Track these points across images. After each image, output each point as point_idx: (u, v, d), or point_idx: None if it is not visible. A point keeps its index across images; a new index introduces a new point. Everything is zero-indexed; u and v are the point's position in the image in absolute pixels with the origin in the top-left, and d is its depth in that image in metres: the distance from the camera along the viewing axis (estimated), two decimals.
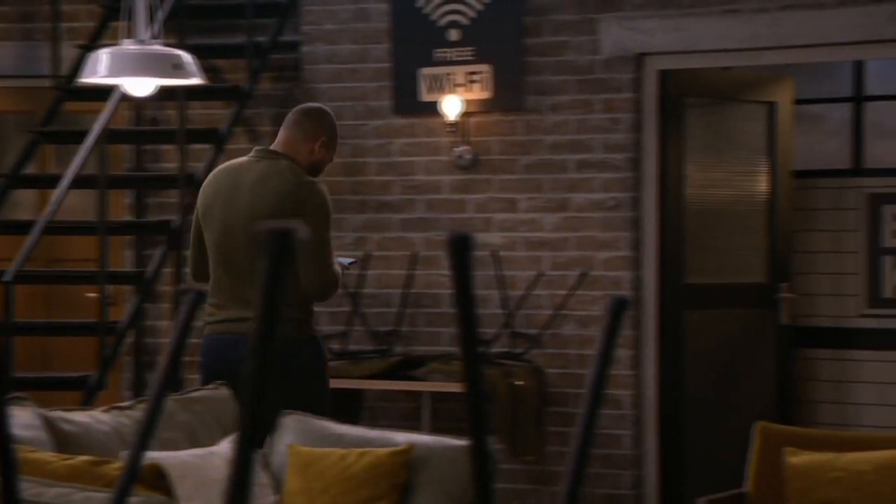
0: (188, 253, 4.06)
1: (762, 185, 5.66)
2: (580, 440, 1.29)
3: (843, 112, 6.18)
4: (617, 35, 5.13)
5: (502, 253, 5.31)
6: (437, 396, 5.19)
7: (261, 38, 5.54)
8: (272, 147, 3.94)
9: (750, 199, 5.65)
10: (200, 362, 3.91)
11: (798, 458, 3.59)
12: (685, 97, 5.33)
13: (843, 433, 3.80)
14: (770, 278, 5.64)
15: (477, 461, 1.17)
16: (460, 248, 1.17)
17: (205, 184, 3.99)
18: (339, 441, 3.46)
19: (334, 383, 5.21)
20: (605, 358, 1.33)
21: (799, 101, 5.85)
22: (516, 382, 5.04)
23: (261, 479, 3.35)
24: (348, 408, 5.30)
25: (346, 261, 4.46)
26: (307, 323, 3.87)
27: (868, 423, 6.01)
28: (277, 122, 5.87)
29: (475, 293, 1.22)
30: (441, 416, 5.19)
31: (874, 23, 4.75)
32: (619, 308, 1.36)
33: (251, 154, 3.95)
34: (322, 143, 3.94)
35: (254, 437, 1.03)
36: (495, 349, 5.21)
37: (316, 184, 3.88)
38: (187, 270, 5.61)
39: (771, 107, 5.64)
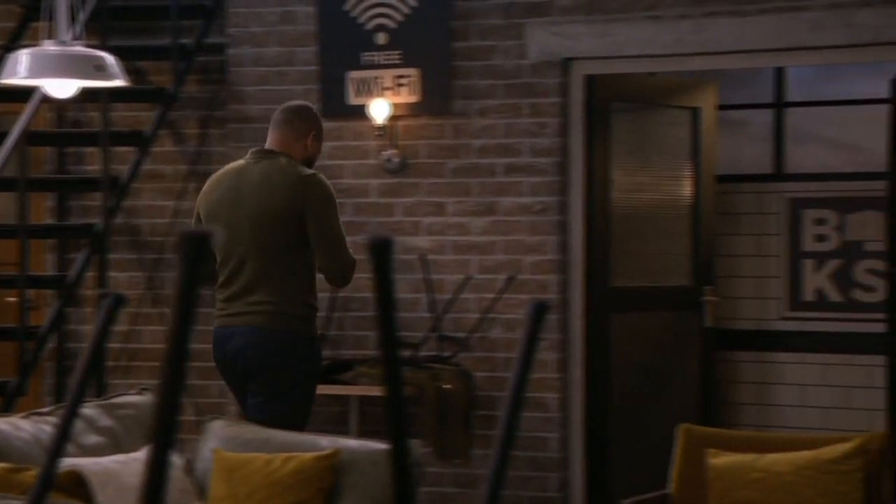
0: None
1: (686, 189, 5.73)
2: (501, 442, 1.29)
3: (765, 118, 6.29)
4: (544, 40, 5.17)
5: (430, 256, 5.31)
6: (364, 400, 5.17)
7: (186, 41, 5.48)
8: (267, 147, 4.11)
9: (674, 204, 5.72)
10: (213, 355, 4.13)
11: (720, 460, 3.64)
12: (611, 102, 5.38)
13: (764, 434, 3.86)
14: (694, 281, 5.72)
15: (396, 464, 1.17)
16: (381, 252, 1.17)
17: (205, 189, 4.15)
18: (265, 446, 3.43)
19: None
20: (527, 361, 1.34)
21: (722, 107, 5.94)
22: (444, 386, 5.04)
23: (184, 485, 3.31)
24: None
25: None
26: (311, 322, 4.05)
27: (789, 425, 6.11)
28: (203, 124, 5.82)
29: (396, 296, 1.22)
30: (369, 420, 5.18)
31: (794, 30, 4.84)
32: (539, 312, 1.37)
33: (248, 156, 4.12)
34: (313, 137, 4.15)
35: (169, 438, 1.01)
36: (423, 353, 5.21)
37: (318, 175, 4.06)
38: (112, 274, 5.54)
39: (695, 112, 5.72)
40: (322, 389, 5.18)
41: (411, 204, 5.36)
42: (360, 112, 5.36)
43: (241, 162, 4.15)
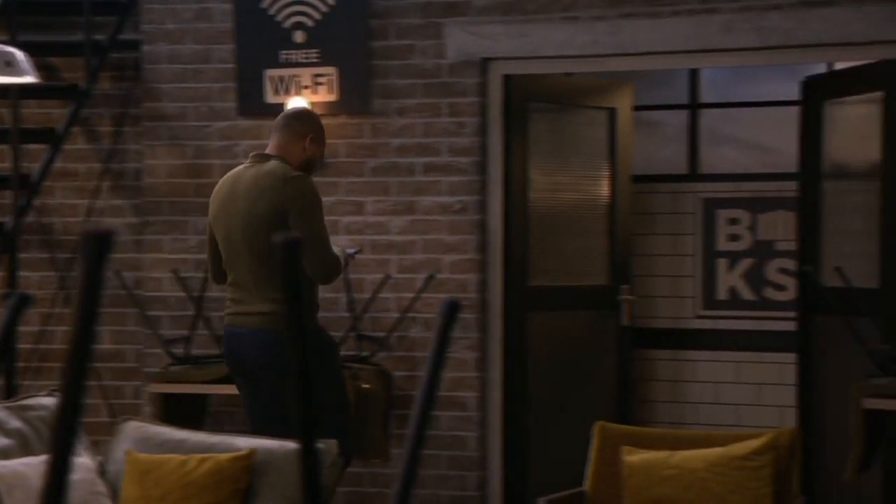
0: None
1: (603, 189, 5.79)
2: (413, 441, 1.29)
3: (680, 119, 6.38)
4: (462, 40, 5.18)
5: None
6: None
7: (99, 37, 5.40)
8: (265, 152, 4.22)
9: (592, 203, 5.77)
10: (223, 352, 4.30)
11: (634, 457, 3.68)
12: (529, 102, 5.41)
13: (678, 432, 3.91)
14: (611, 281, 5.78)
15: (305, 464, 1.16)
16: (289, 251, 1.16)
17: (213, 192, 4.28)
18: (179, 447, 3.39)
19: (176, 388, 5.12)
20: (439, 359, 1.34)
21: (638, 108, 6.01)
22: (363, 385, 5.03)
23: (97, 487, 3.26)
24: (191, 413, 5.20)
25: (351, 250, 4.59)
26: (311, 315, 4.16)
27: (704, 422, 6.21)
28: (117, 121, 5.74)
29: (302, 296, 1.21)
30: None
31: (706, 33, 4.92)
32: (451, 311, 1.37)
33: (247, 160, 4.25)
34: (311, 140, 4.22)
35: (71, 438, 1.00)
36: (342, 352, 5.19)
37: (302, 177, 4.11)
38: (23, 273, 5.44)
39: (611, 112, 5.78)
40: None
41: (330, 203, 5.34)
42: (278, 110, 5.31)
43: (239, 167, 4.26)
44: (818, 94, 5.30)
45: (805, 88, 5.40)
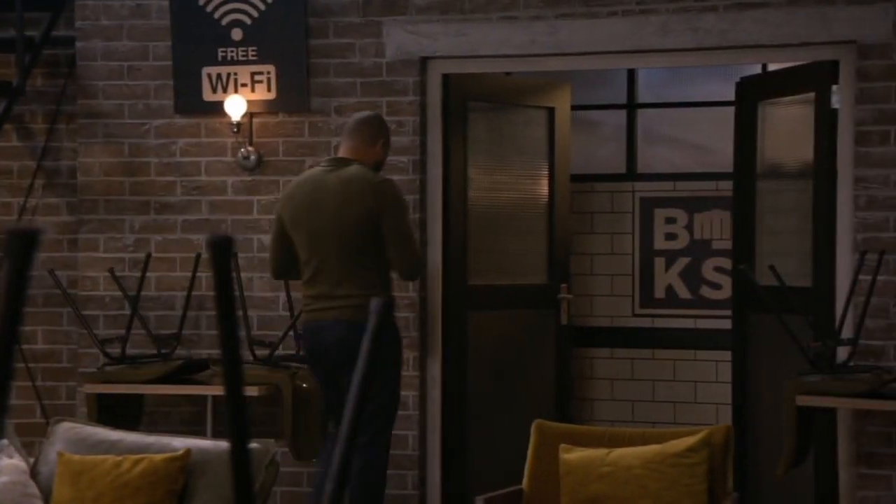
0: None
1: (542, 188, 5.82)
2: (344, 441, 1.29)
3: (618, 118, 6.44)
4: (401, 38, 5.18)
5: None
6: (220, 400, 5.10)
7: (32, 33, 5.32)
8: (341, 156, 4.52)
9: (531, 202, 5.80)
10: (306, 345, 4.53)
11: (571, 455, 3.71)
12: (468, 101, 5.43)
13: (615, 430, 3.94)
14: (550, 279, 5.81)
15: (236, 464, 1.15)
16: (220, 251, 1.15)
17: (287, 194, 4.54)
18: (114, 448, 3.35)
19: (111, 388, 5.06)
20: (371, 359, 1.34)
21: (576, 108, 6.05)
22: (301, 385, 5.01)
23: (29, 489, 3.21)
24: (127, 414, 5.15)
25: None
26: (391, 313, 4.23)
27: (640, 420, 6.27)
28: (51, 119, 5.66)
29: (235, 295, 1.20)
30: (225, 420, 5.10)
31: (642, 33, 4.96)
32: (384, 310, 1.37)
33: (324, 164, 4.54)
34: (382, 144, 4.57)
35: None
36: (280, 352, 5.17)
37: (390, 181, 4.52)
38: None
39: (550, 112, 5.81)
40: (176, 389, 5.11)
41: (269, 202, 5.32)
42: (215, 108, 5.28)
43: (317, 169, 4.54)
44: (752, 94, 5.38)
45: (739, 89, 5.47)
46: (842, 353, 4.63)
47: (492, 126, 5.64)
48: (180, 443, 3.41)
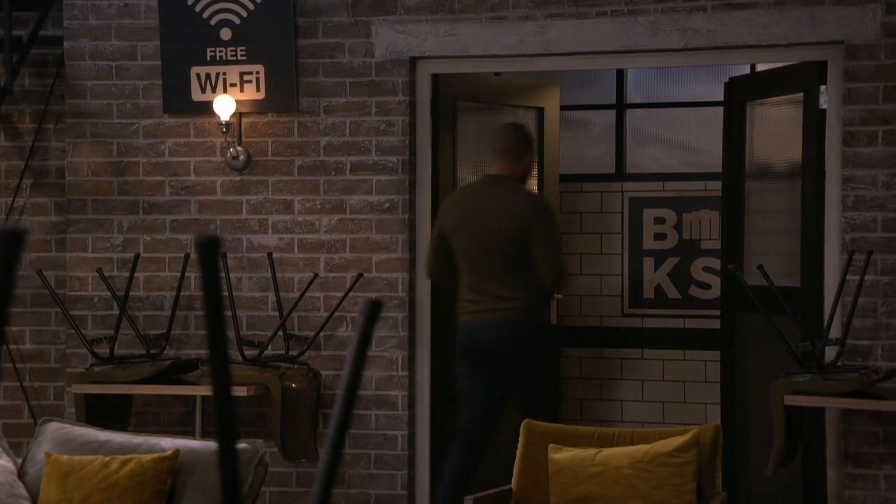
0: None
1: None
2: (333, 440, 1.29)
3: (607, 119, 6.44)
4: (390, 38, 5.18)
5: (277, 254, 5.27)
6: (209, 400, 5.09)
7: (19, 32, 5.31)
8: (495, 173, 4.92)
9: None
10: (458, 346, 4.86)
11: (560, 455, 3.71)
12: (457, 101, 5.43)
13: (604, 429, 3.94)
14: None
15: (224, 464, 1.15)
16: (208, 251, 1.15)
17: (447, 204, 5.00)
18: (102, 448, 3.34)
19: (100, 388, 5.05)
20: (360, 359, 1.34)
21: (565, 108, 6.05)
22: (291, 385, 5.01)
23: (16, 489, 3.20)
24: (115, 414, 5.14)
25: None
26: (540, 310, 4.86)
27: (629, 419, 6.28)
28: (39, 118, 5.64)
29: (223, 295, 1.20)
30: (214, 420, 5.10)
31: (631, 34, 4.97)
32: (373, 310, 1.37)
33: (482, 180, 4.98)
34: (527, 156, 4.97)
35: None
36: (270, 352, 5.17)
37: (542, 199, 5.14)
38: None
39: (539, 112, 5.82)
40: (165, 390, 5.10)
41: (258, 202, 5.31)
42: (204, 108, 5.27)
43: (475, 184, 5.01)
44: (741, 94, 5.39)
45: (728, 89, 5.48)
46: (830, 352, 4.65)
47: (481, 126, 5.64)
48: (169, 443, 3.41)
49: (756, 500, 5.19)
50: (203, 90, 5.28)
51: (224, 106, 5.21)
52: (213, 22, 5.26)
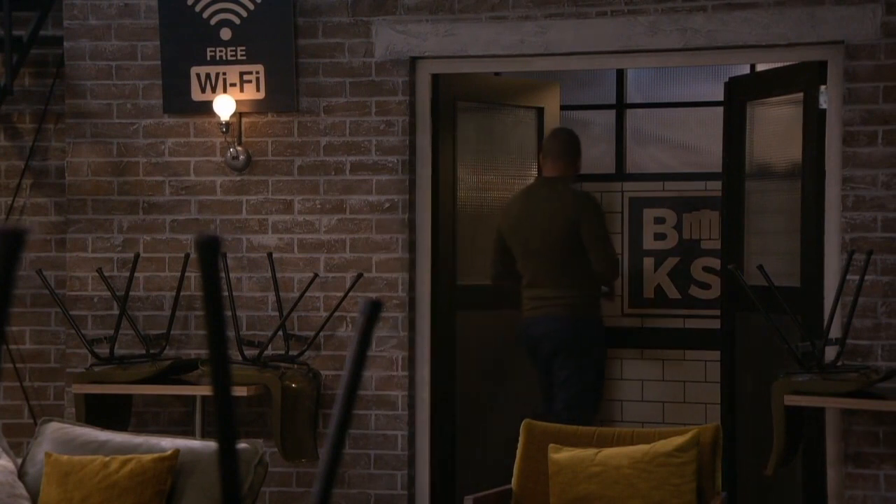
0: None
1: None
2: (333, 440, 1.29)
3: (607, 118, 6.44)
4: (390, 38, 5.18)
5: (278, 254, 5.27)
6: (209, 400, 5.09)
7: (19, 32, 5.31)
8: (548, 175, 5.25)
9: None
10: (520, 340, 5.24)
11: (560, 455, 3.71)
12: (457, 101, 5.43)
13: (604, 429, 3.94)
14: None
15: (224, 464, 1.15)
16: (208, 251, 1.15)
17: (506, 207, 5.32)
18: (102, 448, 3.35)
19: (100, 388, 5.05)
20: (360, 359, 1.34)
21: (565, 108, 6.05)
22: (291, 385, 5.01)
23: (16, 489, 3.20)
24: (115, 414, 5.14)
25: None
26: (593, 306, 5.20)
27: (629, 419, 6.27)
28: (39, 118, 5.64)
29: (223, 295, 1.20)
30: (214, 420, 5.11)
31: (631, 34, 4.97)
32: (372, 311, 1.37)
33: (536, 182, 5.33)
34: (580, 158, 5.32)
35: None
36: (270, 351, 5.17)
37: (590, 196, 5.34)
38: None
39: (539, 112, 5.82)
40: (165, 390, 5.10)
41: (258, 202, 5.31)
42: (204, 108, 5.27)
43: (530, 186, 5.32)
44: (741, 94, 5.38)
45: (728, 89, 5.48)
46: (830, 352, 4.65)
47: (481, 126, 5.64)
48: (169, 443, 3.40)
49: (756, 500, 5.19)
50: (203, 90, 5.28)
51: (224, 106, 5.21)
52: (213, 22, 5.26)
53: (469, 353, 5.47)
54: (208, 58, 5.26)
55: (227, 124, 5.24)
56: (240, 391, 4.75)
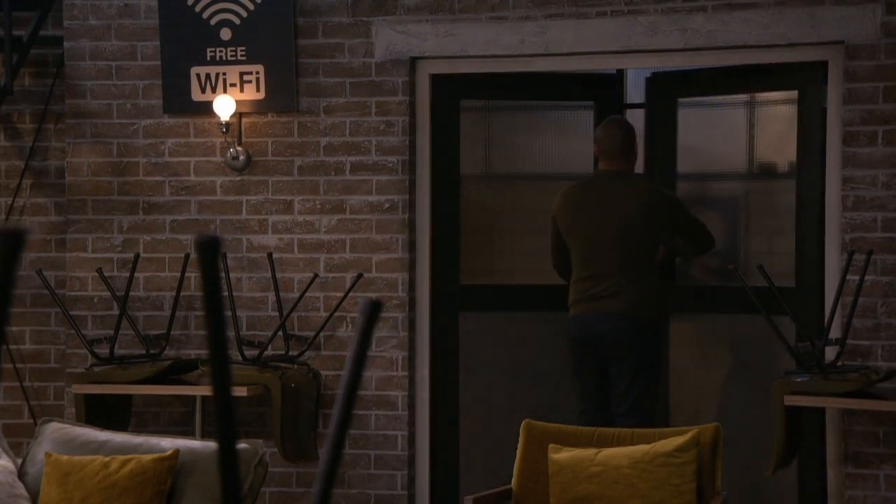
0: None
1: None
2: (333, 440, 1.29)
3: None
4: (390, 38, 5.18)
5: (278, 255, 5.27)
6: (209, 400, 5.09)
7: (19, 32, 5.31)
8: (610, 169, 5.04)
9: None
10: (573, 337, 5.00)
11: (560, 455, 3.71)
12: (458, 101, 5.43)
13: (604, 429, 3.94)
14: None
15: (224, 464, 1.15)
16: (208, 251, 1.15)
17: (560, 203, 5.06)
18: (102, 448, 3.35)
19: (100, 388, 5.05)
20: (360, 359, 1.34)
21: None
22: (291, 385, 5.01)
23: (16, 490, 3.20)
24: (115, 414, 5.14)
25: None
26: (655, 305, 4.97)
27: None
28: (39, 118, 5.64)
29: (223, 295, 1.20)
30: (214, 420, 5.11)
31: (631, 34, 4.97)
32: (373, 311, 1.37)
33: (597, 176, 5.09)
34: (635, 151, 5.13)
35: None
36: (270, 352, 5.17)
37: (660, 189, 5.14)
38: None
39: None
40: (165, 390, 5.10)
41: (258, 202, 5.31)
42: (204, 108, 5.27)
43: (590, 181, 5.10)
44: (671, 91, 5.40)
45: (650, 84, 5.50)
46: (830, 352, 4.65)
47: (512, 125, 5.64)
48: (169, 443, 3.41)
49: (756, 501, 5.19)
50: (203, 90, 5.28)
51: (224, 106, 5.21)
52: (213, 22, 5.27)
53: (470, 353, 5.47)
54: (208, 58, 5.26)
55: (227, 124, 5.24)
56: (240, 391, 4.75)
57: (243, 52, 5.24)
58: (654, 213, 4.94)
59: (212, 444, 3.42)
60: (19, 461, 3.39)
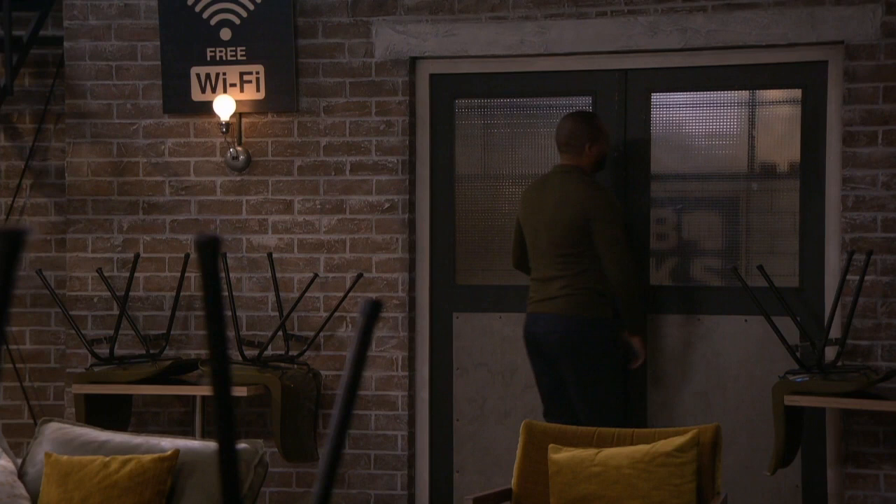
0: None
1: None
2: (333, 440, 1.29)
3: None
4: (390, 38, 5.18)
5: (278, 255, 5.27)
6: (209, 400, 5.09)
7: (19, 32, 5.31)
8: (562, 163, 4.85)
9: None
10: (523, 338, 4.88)
11: (560, 455, 3.71)
12: (457, 101, 5.42)
13: (603, 429, 3.94)
14: None
15: (224, 464, 1.15)
16: (208, 251, 1.15)
17: (523, 195, 4.95)
18: (102, 448, 3.35)
19: (100, 388, 5.05)
20: (360, 359, 1.34)
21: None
22: (291, 385, 5.01)
23: (16, 490, 3.20)
24: (115, 414, 5.14)
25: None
26: (596, 305, 4.73)
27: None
28: (39, 119, 5.64)
29: (223, 295, 1.20)
30: (214, 420, 5.10)
31: (631, 34, 4.97)
32: (373, 311, 1.37)
33: (553, 173, 4.87)
34: (589, 146, 4.82)
35: None
36: (270, 352, 5.17)
37: (604, 191, 4.83)
38: None
39: None
40: (165, 390, 5.10)
41: (258, 202, 5.31)
42: (204, 108, 5.28)
43: (545, 176, 4.90)
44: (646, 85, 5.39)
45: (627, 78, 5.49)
46: (830, 352, 4.65)
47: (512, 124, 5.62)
48: (168, 443, 3.41)
49: (755, 500, 5.19)
50: (203, 90, 5.28)
51: (224, 106, 5.21)
52: (213, 22, 5.27)
53: (469, 353, 5.46)
54: (208, 58, 5.26)
55: (227, 124, 5.24)
56: (240, 391, 4.75)
57: (243, 52, 5.24)
58: (586, 212, 4.72)
59: (212, 444, 3.42)
60: (19, 461, 3.39)
